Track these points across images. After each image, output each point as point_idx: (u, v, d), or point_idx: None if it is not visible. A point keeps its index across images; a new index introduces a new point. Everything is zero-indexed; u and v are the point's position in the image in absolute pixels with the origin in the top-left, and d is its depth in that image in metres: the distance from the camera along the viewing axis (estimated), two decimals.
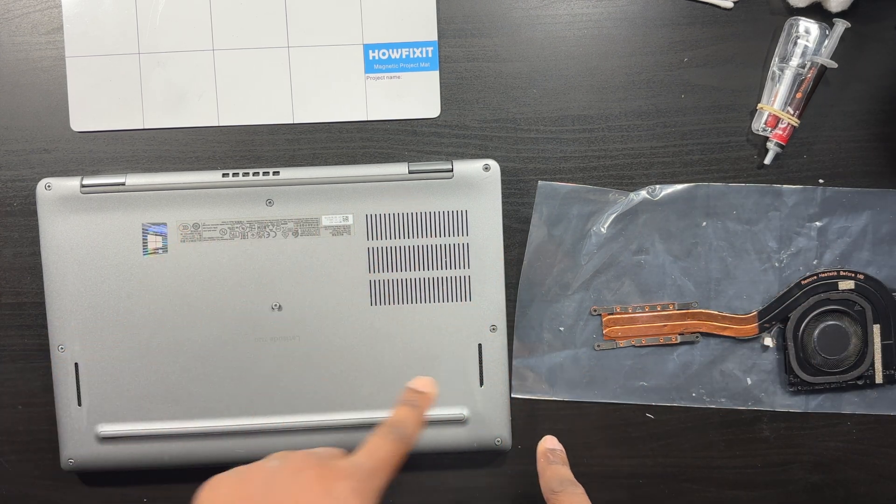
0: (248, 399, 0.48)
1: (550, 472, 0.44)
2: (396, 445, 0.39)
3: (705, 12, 0.50)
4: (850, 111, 0.50)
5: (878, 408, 0.51)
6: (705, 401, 0.51)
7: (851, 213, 0.50)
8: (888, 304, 0.50)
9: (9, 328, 0.51)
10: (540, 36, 0.50)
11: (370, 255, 0.48)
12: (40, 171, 0.50)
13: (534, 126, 0.50)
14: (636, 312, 0.50)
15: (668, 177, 0.50)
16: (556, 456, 0.46)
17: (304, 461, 0.36)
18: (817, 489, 0.52)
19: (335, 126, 0.50)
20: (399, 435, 0.39)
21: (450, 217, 0.48)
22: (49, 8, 0.50)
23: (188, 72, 0.50)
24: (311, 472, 0.35)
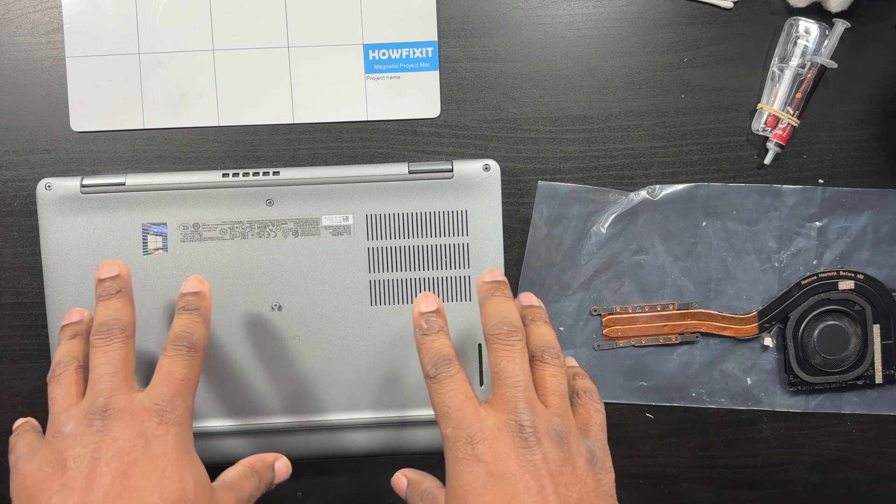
0: (248, 399, 0.48)
1: (425, 349, 0.38)
2: (189, 359, 0.38)
3: (705, 12, 0.50)
4: (850, 111, 0.50)
5: (878, 408, 0.51)
6: (705, 401, 0.51)
7: (851, 213, 0.50)
8: (888, 304, 0.50)
9: (9, 328, 0.51)
10: (540, 36, 0.50)
11: (370, 255, 0.48)
12: (40, 171, 0.50)
13: (534, 126, 0.50)
14: (636, 312, 0.50)
15: (668, 177, 0.50)
16: (430, 322, 0.39)
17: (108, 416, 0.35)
18: (817, 489, 0.52)
19: (335, 126, 0.50)
20: (189, 347, 0.39)
21: (450, 217, 0.48)
22: (49, 8, 0.50)
23: (188, 72, 0.50)
24: (117, 422, 0.35)
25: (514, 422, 0.35)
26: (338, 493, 0.52)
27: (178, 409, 0.37)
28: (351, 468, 0.51)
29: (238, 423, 0.48)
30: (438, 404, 0.37)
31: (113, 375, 0.37)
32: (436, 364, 0.37)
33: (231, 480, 0.40)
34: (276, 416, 0.48)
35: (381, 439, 0.48)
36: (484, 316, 0.39)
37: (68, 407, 0.37)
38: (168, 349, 0.39)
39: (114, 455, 0.34)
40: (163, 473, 0.34)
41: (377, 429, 0.48)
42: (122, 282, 0.41)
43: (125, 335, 0.39)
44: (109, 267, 0.41)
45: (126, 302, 0.40)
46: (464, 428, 0.35)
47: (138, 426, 0.35)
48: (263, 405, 0.48)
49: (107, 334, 0.38)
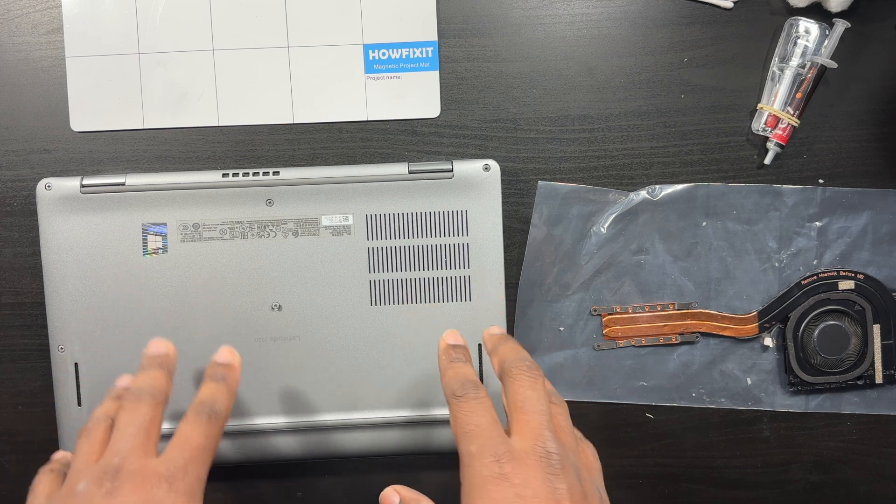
0: (248, 399, 0.48)
1: (452, 373, 0.39)
2: (208, 427, 0.38)
3: (705, 12, 0.50)
4: (850, 111, 0.50)
5: (878, 408, 0.51)
6: (705, 401, 0.51)
7: (851, 213, 0.50)
8: (888, 304, 0.50)
9: (9, 328, 0.51)
10: (540, 36, 0.50)
11: (370, 255, 0.48)
12: (40, 171, 0.50)
13: (534, 126, 0.50)
14: (636, 312, 0.50)
15: (668, 177, 0.50)
16: (458, 353, 0.41)
17: (119, 479, 0.35)
18: (817, 489, 0.52)
19: (335, 126, 0.50)
20: (209, 414, 0.38)
21: (450, 217, 0.48)
22: (49, 8, 0.50)
23: (188, 72, 0.50)
24: (127, 486, 0.35)
25: (541, 447, 0.35)
26: (338, 493, 0.52)
27: (189, 477, 0.36)
28: (351, 468, 0.51)
29: (237, 423, 0.48)
30: (464, 422, 0.36)
31: (133, 437, 0.37)
32: (463, 384, 0.38)
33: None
34: (276, 416, 0.48)
35: (381, 440, 0.48)
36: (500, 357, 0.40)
37: (88, 463, 0.37)
38: (189, 415, 0.38)
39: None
40: None
41: (377, 429, 0.48)
42: (167, 359, 0.41)
43: (155, 401, 0.38)
44: (158, 345, 0.41)
45: (164, 375, 0.40)
46: (491, 447, 0.35)
47: (147, 492, 0.35)
48: (263, 405, 0.48)
49: (137, 397, 0.38)
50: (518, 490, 0.33)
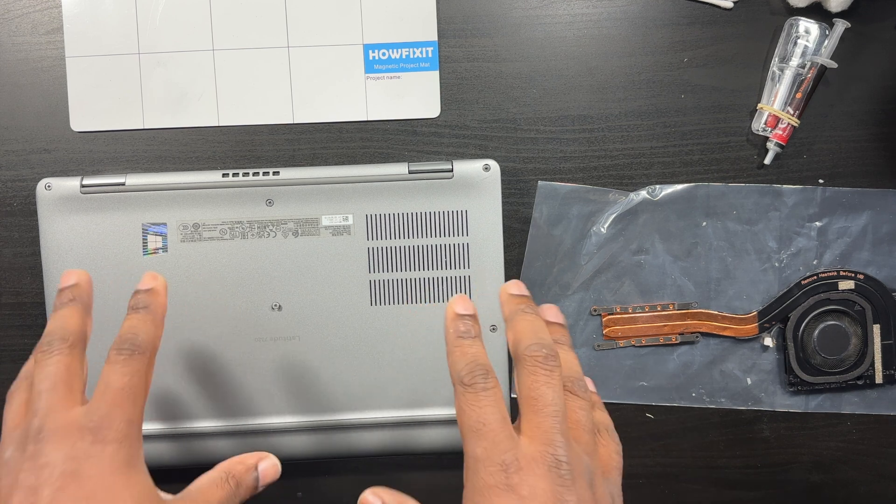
0: (248, 399, 0.48)
1: (459, 353, 0.35)
2: (131, 364, 0.35)
3: (705, 12, 0.50)
4: (850, 111, 0.50)
5: (878, 408, 0.51)
6: (705, 401, 0.51)
7: (851, 213, 0.50)
8: (888, 304, 0.50)
9: (9, 328, 0.51)
10: (540, 36, 0.50)
11: (370, 255, 0.48)
12: (40, 171, 0.50)
13: (534, 126, 0.50)
14: (636, 312, 0.50)
15: (668, 177, 0.50)
16: (467, 325, 0.36)
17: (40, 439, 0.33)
18: (817, 489, 0.52)
19: (335, 126, 0.50)
20: (131, 350, 0.35)
21: (450, 217, 0.48)
22: (49, 8, 0.50)
23: (188, 72, 0.50)
24: (49, 445, 0.33)
25: (551, 455, 0.33)
26: (338, 493, 0.52)
27: (115, 424, 0.34)
28: (351, 468, 0.51)
29: (237, 423, 0.48)
30: (471, 418, 0.34)
31: (50, 392, 0.34)
32: (472, 371, 0.34)
33: (196, 490, 0.37)
34: (276, 416, 0.48)
35: (381, 439, 0.48)
36: (516, 333, 0.36)
37: (14, 429, 0.35)
38: (111, 354, 0.35)
39: (43, 482, 0.32)
40: (94, 498, 0.32)
41: (377, 429, 0.48)
42: (78, 290, 0.38)
43: (68, 344, 0.36)
44: (69, 276, 0.38)
45: (76, 311, 0.37)
46: (498, 452, 0.33)
47: (70, 448, 0.33)
48: (263, 405, 0.48)
49: (48, 346, 0.35)
50: (524, 502, 0.32)
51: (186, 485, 0.52)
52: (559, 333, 0.39)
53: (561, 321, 0.39)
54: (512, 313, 0.37)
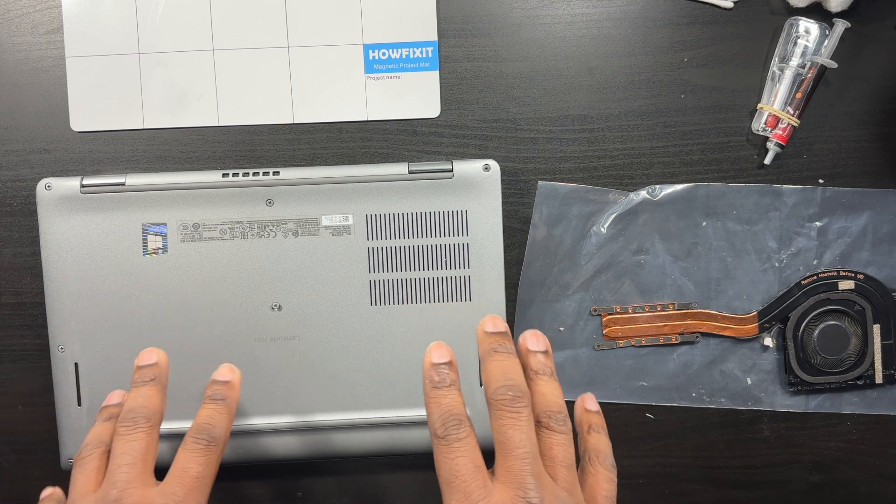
0: (248, 399, 0.48)
1: (434, 405, 0.36)
2: (207, 455, 0.38)
3: (705, 12, 0.50)
4: (850, 111, 0.50)
5: (878, 408, 0.51)
6: (705, 401, 0.51)
7: (851, 213, 0.50)
8: (888, 304, 0.50)
9: (9, 328, 0.51)
10: (540, 36, 0.50)
11: (370, 255, 0.48)
12: (40, 171, 0.50)
13: (534, 126, 0.50)
14: (636, 312, 0.50)
15: (668, 177, 0.50)
16: (442, 374, 0.37)
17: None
18: (817, 489, 0.52)
19: (335, 126, 0.50)
20: (208, 441, 0.38)
21: (450, 217, 0.48)
22: (49, 8, 0.50)
23: (188, 72, 0.50)
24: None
25: (522, 499, 0.33)
26: (338, 493, 0.52)
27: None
28: (351, 468, 0.51)
29: (238, 423, 0.48)
30: (445, 470, 0.35)
31: (131, 467, 0.37)
32: (445, 423, 0.35)
33: None
34: (277, 416, 0.48)
35: (381, 439, 0.48)
36: (487, 375, 0.37)
37: (85, 494, 0.37)
38: (188, 441, 0.38)
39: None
40: None
41: (377, 429, 0.48)
42: (158, 370, 0.40)
43: (150, 424, 0.38)
44: (149, 355, 0.41)
45: (157, 391, 0.40)
46: (470, 502, 0.34)
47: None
48: (263, 405, 0.48)
49: (132, 423, 0.38)
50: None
51: None
52: (539, 363, 0.39)
53: (542, 349, 0.39)
54: (485, 353, 0.38)
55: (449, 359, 0.38)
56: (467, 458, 0.35)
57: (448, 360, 0.38)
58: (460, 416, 0.36)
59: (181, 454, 0.38)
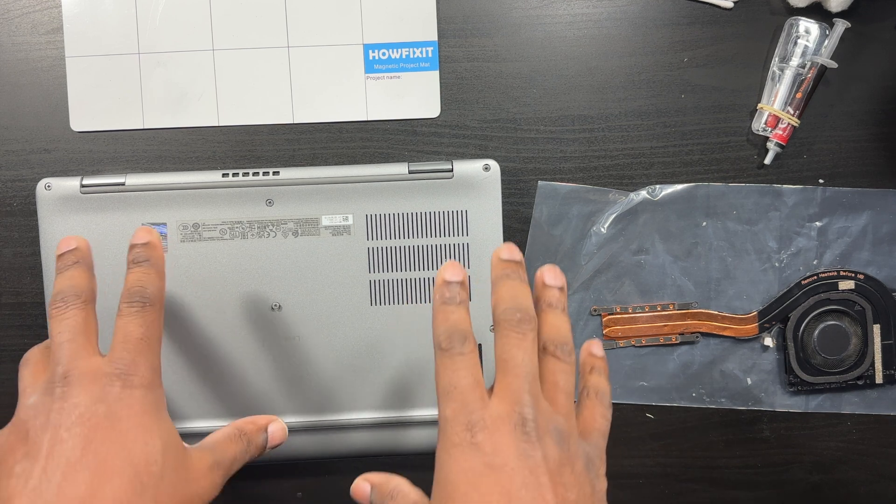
0: (248, 399, 0.48)
1: (441, 318, 0.36)
2: (144, 316, 0.37)
3: (705, 12, 0.50)
4: (851, 111, 0.50)
5: (879, 408, 0.51)
6: (705, 401, 0.51)
7: (851, 213, 0.50)
8: (888, 304, 0.50)
9: (9, 328, 0.50)
10: (540, 36, 0.50)
11: (370, 255, 0.48)
12: (40, 171, 0.50)
13: (534, 126, 0.50)
14: (636, 312, 0.50)
15: (668, 177, 0.50)
16: (452, 291, 0.37)
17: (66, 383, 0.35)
18: (817, 489, 0.52)
19: (335, 126, 0.50)
20: (142, 303, 0.38)
21: (450, 217, 0.48)
22: (49, 8, 0.50)
23: (188, 72, 0.50)
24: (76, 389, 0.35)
25: (517, 413, 0.34)
26: (338, 493, 0.52)
27: (140, 370, 0.36)
28: (351, 468, 0.51)
29: None
30: (444, 381, 0.35)
31: (71, 342, 0.36)
32: (450, 336, 0.35)
33: (212, 443, 0.39)
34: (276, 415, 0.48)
35: (381, 439, 0.48)
36: (496, 297, 0.37)
37: (34, 381, 0.37)
38: (122, 308, 0.38)
39: (74, 421, 0.34)
40: (126, 437, 0.34)
41: (377, 429, 0.48)
42: (80, 254, 0.40)
43: (81, 300, 0.38)
44: (67, 242, 0.40)
45: (82, 271, 0.39)
46: (466, 413, 0.34)
47: (99, 391, 0.35)
48: (263, 405, 0.48)
49: (62, 303, 0.38)
50: (488, 459, 0.33)
51: None
52: (553, 296, 0.38)
53: (558, 284, 0.39)
54: (497, 278, 0.38)
55: (461, 278, 0.37)
56: (468, 371, 0.35)
57: (461, 279, 0.37)
58: (466, 332, 0.36)
59: (119, 322, 0.37)
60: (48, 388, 0.35)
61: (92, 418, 0.34)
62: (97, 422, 0.34)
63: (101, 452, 0.33)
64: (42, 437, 0.33)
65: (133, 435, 0.34)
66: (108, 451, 0.33)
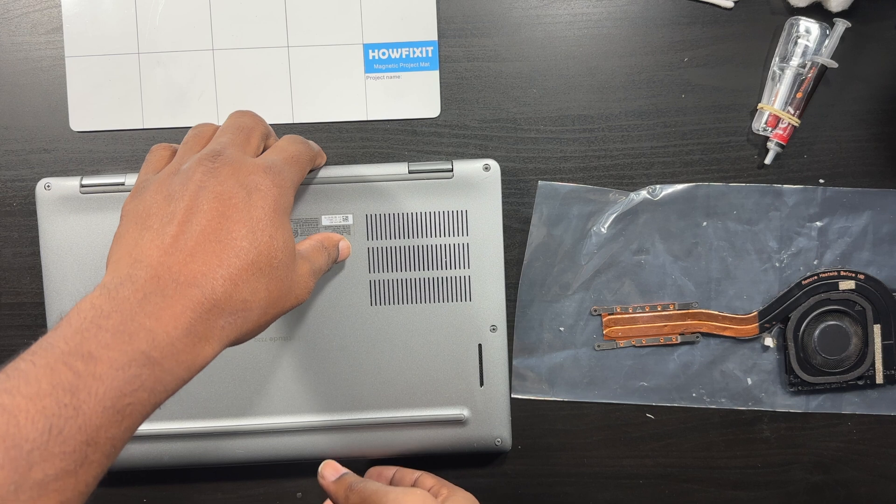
0: (246, 399, 0.48)
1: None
2: (304, 146, 0.41)
3: (706, 12, 0.50)
4: (851, 111, 0.50)
5: (879, 408, 0.51)
6: (705, 401, 0.51)
7: (852, 213, 0.50)
8: (889, 304, 0.50)
9: (9, 328, 0.50)
10: (540, 36, 0.50)
11: (370, 255, 0.48)
12: (40, 171, 0.50)
13: (534, 126, 0.50)
14: (636, 312, 0.50)
15: (669, 177, 0.50)
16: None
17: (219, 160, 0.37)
18: (818, 489, 0.52)
19: (335, 126, 0.50)
20: (303, 140, 0.42)
21: (450, 217, 0.48)
22: (49, 8, 0.49)
23: (188, 72, 0.50)
24: (226, 168, 0.36)
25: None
26: None
27: (285, 174, 0.38)
28: (351, 468, 0.51)
29: (237, 423, 0.48)
30: None
31: (235, 135, 0.39)
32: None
33: (306, 252, 0.41)
34: (275, 416, 0.48)
35: (381, 439, 0.48)
36: None
37: (192, 150, 0.39)
38: (287, 137, 0.42)
39: (216, 196, 0.35)
40: (257, 224, 0.35)
41: (377, 429, 0.48)
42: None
43: (258, 118, 0.41)
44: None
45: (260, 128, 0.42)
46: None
47: (245, 178, 0.36)
48: (262, 405, 0.48)
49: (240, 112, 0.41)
50: None
51: (186, 484, 0.52)
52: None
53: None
54: None
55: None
56: None
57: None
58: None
59: (279, 142, 0.41)
60: (200, 161, 0.37)
61: (232, 199, 0.35)
62: (236, 203, 0.35)
63: (233, 231, 0.35)
64: (182, 202, 0.35)
65: (263, 225, 0.35)
66: (238, 231, 0.35)
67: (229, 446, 0.48)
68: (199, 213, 0.35)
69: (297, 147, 0.41)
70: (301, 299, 0.38)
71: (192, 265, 0.33)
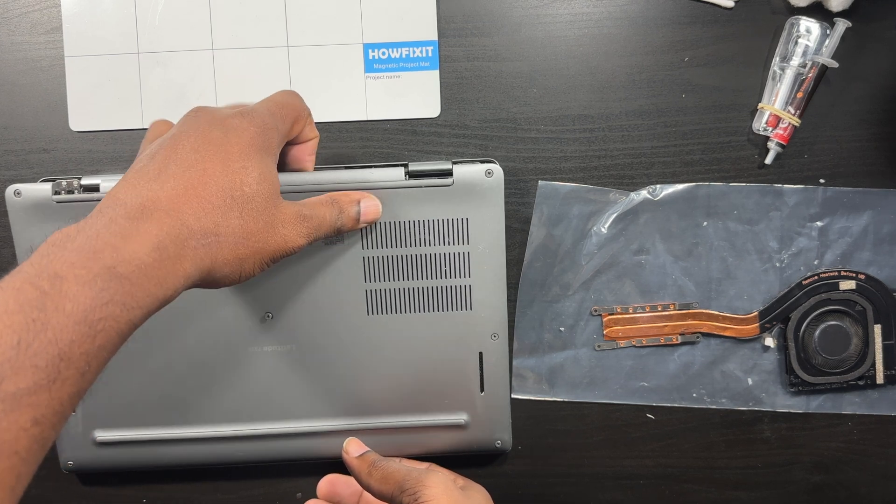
0: (242, 407, 0.48)
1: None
2: (296, 97, 0.42)
3: (706, 12, 0.50)
4: (852, 111, 0.50)
5: (879, 408, 0.51)
6: (706, 401, 0.51)
7: (852, 213, 0.50)
8: (889, 304, 0.50)
9: None
10: (540, 35, 0.50)
11: (366, 264, 0.47)
12: (39, 171, 0.50)
13: (534, 126, 0.50)
14: (637, 313, 0.50)
15: (669, 176, 0.50)
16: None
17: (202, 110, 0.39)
18: (818, 489, 0.51)
19: (335, 126, 0.50)
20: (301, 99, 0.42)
21: (450, 225, 0.46)
22: (48, 8, 0.49)
23: (188, 72, 0.49)
24: (207, 115, 0.38)
25: None
26: None
27: (266, 119, 0.39)
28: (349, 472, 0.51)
29: (234, 429, 0.48)
30: None
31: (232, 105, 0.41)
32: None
33: (306, 201, 0.41)
34: (271, 422, 0.48)
35: (381, 443, 0.48)
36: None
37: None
38: (280, 91, 0.42)
39: (193, 132, 0.37)
40: (230, 156, 0.37)
41: (376, 434, 0.48)
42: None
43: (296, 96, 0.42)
44: None
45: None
46: None
47: (224, 121, 0.38)
48: (258, 413, 0.48)
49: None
50: None
51: (185, 484, 0.52)
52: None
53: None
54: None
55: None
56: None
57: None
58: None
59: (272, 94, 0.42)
60: (192, 112, 0.39)
61: (209, 134, 0.37)
62: (213, 139, 0.37)
63: (206, 161, 0.36)
64: (164, 146, 0.37)
65: (236, 157, 0.37)
66: (211, 162, 0.36)
67: (227, 450, 0.48)
68: (178, 150, 0.36)
69: (284, 97, 0.41)
70: (290, 243, 0.38)
71: (162, 192, 0.34)
